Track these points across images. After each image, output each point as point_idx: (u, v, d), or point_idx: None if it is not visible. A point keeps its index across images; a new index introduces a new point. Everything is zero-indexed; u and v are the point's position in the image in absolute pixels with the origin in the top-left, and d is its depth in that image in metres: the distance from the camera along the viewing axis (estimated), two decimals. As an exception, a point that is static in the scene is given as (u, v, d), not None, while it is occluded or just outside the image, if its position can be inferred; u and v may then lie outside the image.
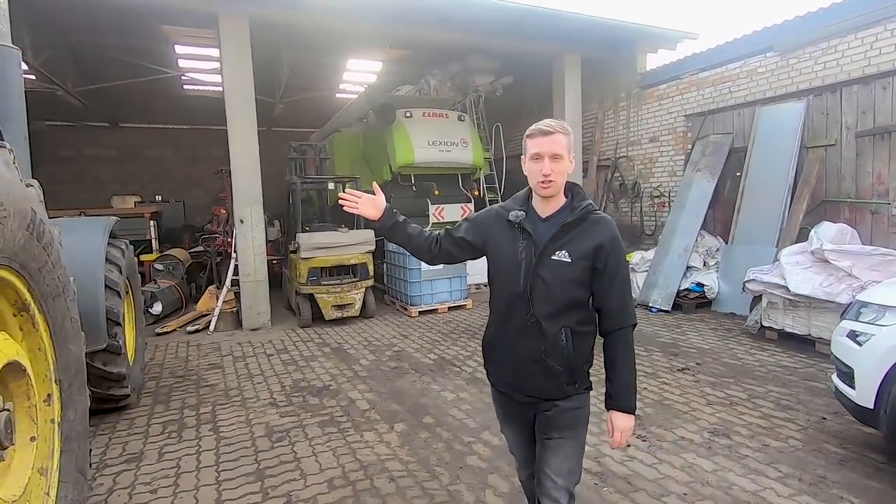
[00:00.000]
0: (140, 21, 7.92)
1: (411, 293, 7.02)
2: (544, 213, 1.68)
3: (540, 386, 1.66)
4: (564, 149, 1.59)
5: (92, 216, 6.90)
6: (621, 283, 1.64)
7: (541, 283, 1.62)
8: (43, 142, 14.40)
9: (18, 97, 2.67)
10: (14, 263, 1.64)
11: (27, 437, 1.71)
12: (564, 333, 1.61)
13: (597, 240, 1.61)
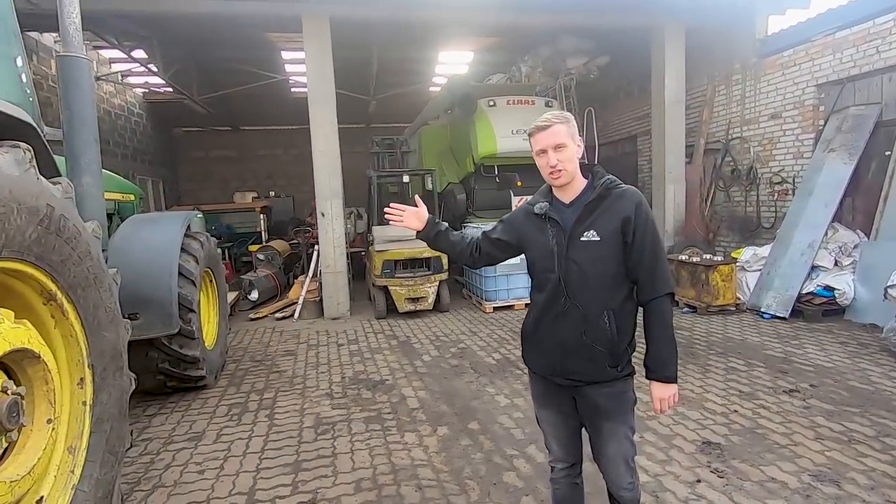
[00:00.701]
0: (248, 31, 8.62)
1: (486, 288, 6.80)
2: (567, 199, 1.72)
3: (581, 369, 1.67)
4: (566, 136, 1.64)
5: (207, 209, 7.82)
6: (652, 252, 1.63)
7: (574, 266, 1.65)
8: (179, 146, 16.58)
9: (90, 104, 2.93)
10: (29, 256, 1.73)
11: (44, 419, 1.83)
12: (607, 315, 1.63)
13: (623, 213, 1.63)
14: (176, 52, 10.64)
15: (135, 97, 13.43)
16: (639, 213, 1.64)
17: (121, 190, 4.72)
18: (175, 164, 16.28)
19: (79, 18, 2.86)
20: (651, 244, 1.64)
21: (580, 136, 1.72)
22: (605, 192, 1.67)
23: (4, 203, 1.57)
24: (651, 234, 1.65)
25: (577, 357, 1.67)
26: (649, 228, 1.65)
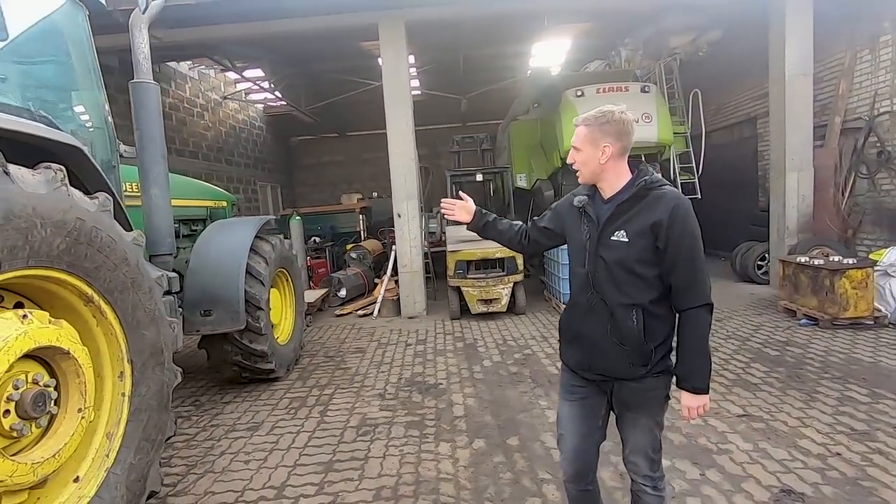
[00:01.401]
0: (344, 43, 9.14)
1: (563, 289, 6.40)
2: (606, 195, 1.71)
3: (610, 365, 1.69)
4: (583, 141, 1.68)
5: (308, 211, 8.36)
6: (686, 260, 1.58)
7: (602, 263, 1.67)
8: (295, 153, 18.20)
9: (157, 124, 3.28)
10: (60, 264, 1.97)
11: (75, 408, 2.06)
12: (635, 313, 1.63)
13: (655, 216, 1.59)
14: (285, 68, 11.65)
15: (256, 112, 15.01)
16: (673, 218, 1.57)
17: (213, 197, 5.25)
18: (292, 171, 17.92)
19: (147, 49, 3.22)
20: (687, 252, 1.58)
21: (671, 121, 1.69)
22: (642, 192, 1.65)
23: (27, 219, 1.78)
24: (688, 242, 1.58)
25: (605, 353, 1.69)
26: (686, 235, 1.58)
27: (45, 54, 2.80)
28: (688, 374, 1.65)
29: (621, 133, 1.66)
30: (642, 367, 1.65)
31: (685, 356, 1.65)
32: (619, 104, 1.75)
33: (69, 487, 2.08)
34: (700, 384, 1.64)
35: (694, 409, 1.65)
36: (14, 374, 1.83)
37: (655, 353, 1.65)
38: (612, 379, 1.72)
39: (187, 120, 11.17)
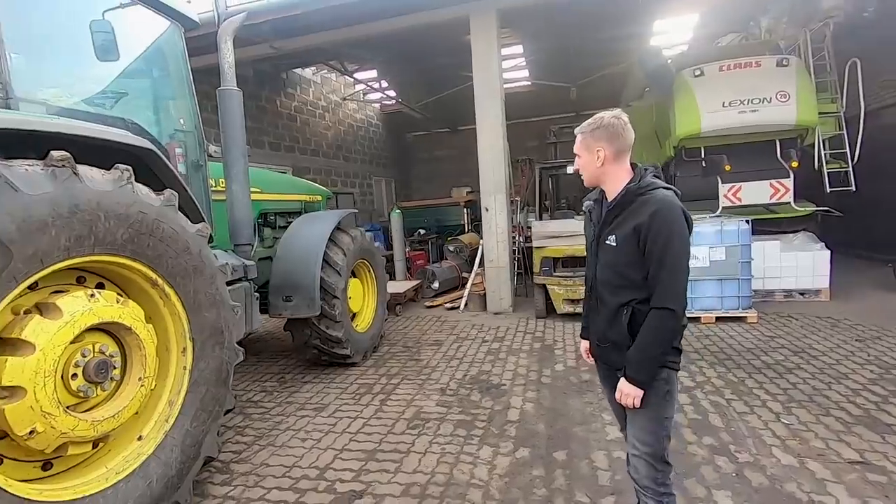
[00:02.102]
0: (448, 37, 9.25)
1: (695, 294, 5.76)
2: (609, 199, 1.81)
3: (610, 357, 1.87)
4: (580, 147, 1.81)
5: (413, 205, 8.55)
6: (656, 262, 1.65)
7: (600, 265, 1.84)
8: (411, 149, 18.98)
9: (240, 127, 3.61)
10: (124, 252, 2.27)
11: (136, 377, 2.37)
12: (626, 311, 1.74)
13: (637, 220, 1.68)
14: (395, 67, 12.19)
15: (373, 111, 15.94)
16: (652, 222, 1.65)
17: (308, 192, 5.68)
18: (408, 166, 18.73)
19: (232, 58, 3.57)
20: (658, 254, 1.65)
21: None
22: (630, 197, 1.73)
23: (91, 212, 2.08)
24: (660, 245, 1.64)
25: (607, 346, 1.86)
26: (660, 238, 1.65)
27: (144, 69, 3.25)
28: (628, 359, 1.74)
29: (612, 136, 1.75)
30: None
31: (634, 347, 1.73)
32: (748, 82, 1.64)
33: (133, 444, 2.41)
34: (633, 374, 1.72)
35: (625, 395, 1.75)
36: (84, 343, 2.15)
37: None
38: (614, 370, 1.85)
39: (310, 121, 12.27)
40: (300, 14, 6.50)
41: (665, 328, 1.67)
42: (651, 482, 1.79)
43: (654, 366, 1.71)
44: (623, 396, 1.74)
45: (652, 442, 1.77)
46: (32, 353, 1.91)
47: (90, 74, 2.91)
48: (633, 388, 1.71)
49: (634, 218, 1.70)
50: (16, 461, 2.02)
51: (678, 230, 1.66)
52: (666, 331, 1.68)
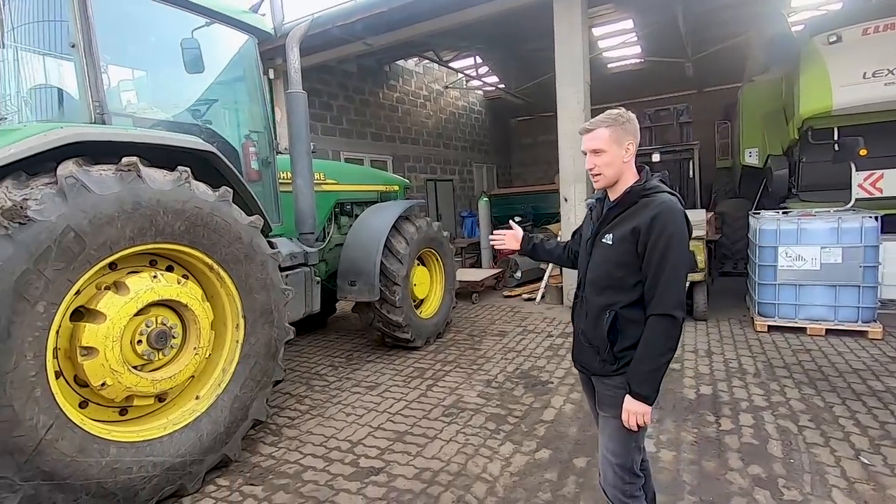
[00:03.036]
0: (546, 19, 8.97)
1: (760, 298, 5.09)
2: (612, 198, 1.77)
3: (585, 359, 1.82)
4: (607, 142, 1.68)
5: (507, 192, 8.43)
6: (656, 267, 1.60)
7: (591, 264, 1.78)
8: (514, 134, 18.72)
9: (304, 125, 3.94)
10: (183, 241, 2.69)
11: (192, 347, 2.80)
12: (609, 315, 1.69)
13: (636, 222, 1.64)
14: (495, 52, 12.09)
15: (476, 97, 16.00)
16: (652, 226, 1.60)
17: (385, 182, 5.99)
18: (510, 151, 18.55)
19: (298, 64, 3.89)
20: (658, 259, 1.59)
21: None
22: (634, 198, 1.68)
23: (152, 208, 2.50)
24: (660, 249, 1.59)
25: (583, 348, 1.81)
26: (660, 242, 1.59)
27: (222, 78, 3.71)
28: (629, 374, 1.65)
29: (636, 132, 1.73)
30: (610, 364, 1.71)
31: (635, 361, 1.65)
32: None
33: (191, 402, 2.86)
34: (638, 389, 1.62)
35: (632, 413, 1.64)
36: (149, 315, 2.61)
37: (625, 354, 1.68)
38: (589, 373, 1.82)
39: (411, 111, 12.75)
40: (387, 10, 6.79)
41: (668, 336, 1.60)
42: (619, 492, 1.76)
43: (658, 378, 1.62)
44: (630, 416, 1.63)
45: (621, 452, 1.73)
46: (104, 321, 2.38)
47: (173, 87, 3.42)
48: (640, 405, 1.62)
49: (634, 219, 1.65)
50: (98, 406, 2.54)
51: (679, 235, 1.62)
52: (669, 339, 1.60)
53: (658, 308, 1.60)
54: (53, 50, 2.93)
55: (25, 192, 2.13)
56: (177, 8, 3.30)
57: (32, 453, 2.07)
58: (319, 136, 9.80)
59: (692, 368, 4.16)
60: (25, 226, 2.06)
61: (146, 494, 2.48)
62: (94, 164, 2.41)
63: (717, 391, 3.68)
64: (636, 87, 14.23)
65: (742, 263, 7.52)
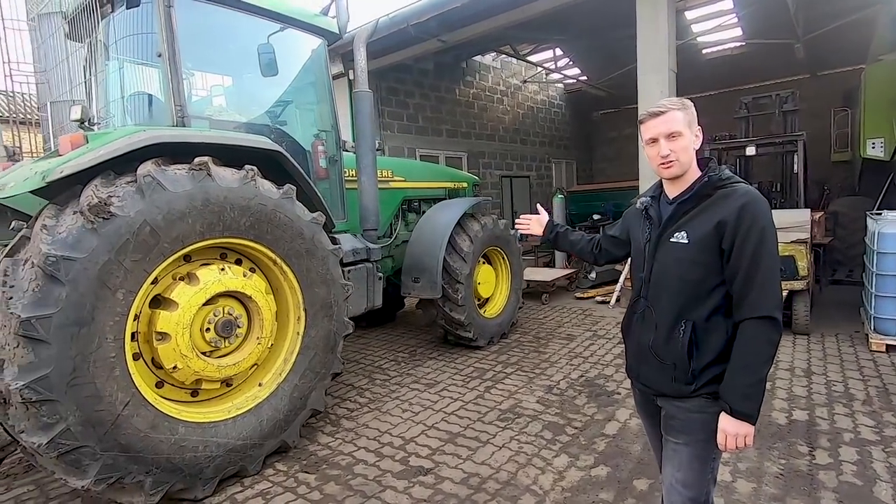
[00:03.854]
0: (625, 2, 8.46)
1: (877, 312, 4.38)
2: (672, 195, 1.60)
3: (653, 377, 1.61)
4: (683, 124, 1.51)
5: (585, 188, 8.05)
6: (749, 264, 1.41)
7: (658, 267, 1.58)
8: (596, 128, 17.91)
9: (369, 123, 4.01)
10: (248, 235, 2.83)
11: (255, 337, 2.94)
12: (684, 326, 1.50)
13: (720, 215, 1.45)
14: (575, 43, 11.61)
15: (556, 91, 15.50)
16: (741, 217, 1.42)
17: (453, 179, 5.96)
18: (592, 146, 17.77)
19: (365, 63, 3.97)
20: (752, 255, 1.40)
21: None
22: (708, 189, 1.50)
23: (220, 204, 2.66)
24: (754, 244, 1.41)
25: (649, 364, 1.60)
26: (752, 236, 1.41)
27: (293, 80, 3.86)
28: (726, 390, 1.43)
29: (697, 119, 1.56)
30: (686, 384, 1.51)
31: (731, 373, 1.44)
32: None
33: (254, 388, 3.02)
34: (739, 407, 1.40)
35: (731, 436, 1.42)
36: (218, 305, 2.79)
37: (705, 372, 1.48)
38: (657, 394, 1.62)
39: (487, 106, 12.62)
40: (461, 6, 6.74)
41: (770, 342, 1.40)
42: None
43: (761, 392, 1.43)
44: (730, 439, 1.42)
45: (694, 484, 1.54)
46: (176, 309, 2.57)
47: (248, 90, 3.62)
48: (743, 426, 1.41)
49: (716, 212, 1.45)
50: (172, 387, 2.76)
51: (771, 228, 1.44)
52: (770, 345, 1.41)
53: (755, 310, 1.40)
54: (146, 60, 3.22)
55: (111, 190, 2.34)
56: (254, 16, 3.49)
57: (111, 426, 2.28)
58: (395, 134, 10.02)
59: (785, 389, 3.69)
60: (108, 220, 2.27)
61: (210, 473, 2.65)
62: (171, 164, 2.60)
63: (815, 418, 3.22)
64: (734, 73, 12.98)
65: (858, 271, 6.57)
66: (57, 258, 2.12)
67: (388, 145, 9.73)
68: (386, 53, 8.74)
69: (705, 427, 1.49)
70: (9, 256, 2.25)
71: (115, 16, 3.20)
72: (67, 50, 4.74)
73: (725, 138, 6.54)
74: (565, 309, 6.68)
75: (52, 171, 2.31)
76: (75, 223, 2.22)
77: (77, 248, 2.18)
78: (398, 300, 5.97)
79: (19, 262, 2.21)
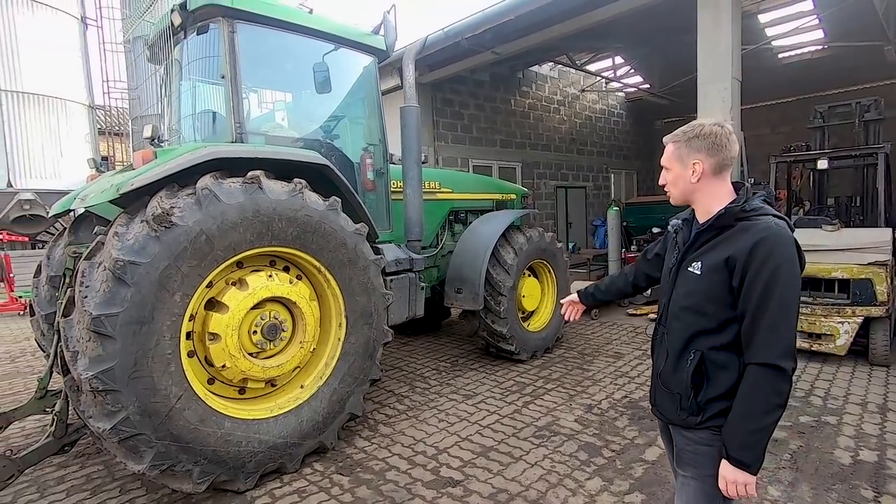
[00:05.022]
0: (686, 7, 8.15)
1: (971, 347, 3.90)
2: (702, 219, 1.55)
3: (663, 404, 1.59)
4: (667, 159, 1.56)
5: (642, 201, 7.72)
6: (756, 305, 1.34)
7: (676, 296, 1.56)
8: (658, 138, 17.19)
9: (416, 138, 4.12)
10: (295, 245, 3.00)
11: (298, 341, 3.10)
12: (693, 357, 1.46)
13: (732, 250, 1.39)
14: (636, 51, 11.29)
15: (616, 100, 15.10)
16: (752, 255, 1.35)
17: (500, 191, 5.97)
18: (653, 156, 17.11)
19: (413, 79, 4.09)
20: (760, 297, 1.33)
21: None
22: (728, 220, 1.44)
23: (269, 215, 2.84)
24: (763, 285, 1.33)
25: (662, 391, 1.58)
26: (762, 275, 1.33)
27: (344, 96, 4.05)
28: (726, 434, 1.39)
29: (714, 148, 1.46)
30: (692, 415, 1.47)
31: (731, 419, 1.39)
32: None
33: (296, 390, 3.18)
34: (737, 454, 1.36)
35: (730, 483, 1.37)
36: (265, 310, 2.97)
37: (712, 404, 1.44)
38: (668, 422, 1.60)
39: (543, 116, 12.51)
40: (514, 18, 6.77)
41: (774, 391, 1.32)
42: None
43: (763, 442, 1.35)
44: (729, 486, 1.38)
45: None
46: (227, 312, 2.77)
47: (302, 107, 3.83)
48: (742, 474, 1.35)
49: (730, 246, 1.40)
50: (222, 384, 2.96)
51: (788, 267, 1.34)
52: (774, 395, 1.33)
53: (758, 356, 1.34)
54: (212, 80, 3.50)
55: (173, 202, 2.57)
56: (310, 37, 3.71)
57: (165, 417, 2.49)
58: (448, 145, 10.17)
59: (853, 426, 3.37)
60: (170, 229, 2.49)
61: (251, 467, 2.81)
62: (228, 178, 2.82)
63: (885, 460, 2.92)
64: (814, 78, 12.10)
65: None
66: (124, 262, 2.36)
67: (442, 156, 9.89)
68: (441, 66, 8.92)
69: (715, 462, 1.43)
70: (87, 259, 2.53)
71: (187, 41, 3.52)
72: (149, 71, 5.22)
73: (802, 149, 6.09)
74: (615, 325, 6.47)
75: (125, 183, 2.57)
76: (141, 231, 2.46)
77: (142, 253, 2.41)
78: (443, 310, 6.03)
79: (94, 264, 2.47)
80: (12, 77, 10.97)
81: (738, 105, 5.70)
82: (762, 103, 14.38)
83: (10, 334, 7.43)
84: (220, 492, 2.81)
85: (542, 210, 12.14)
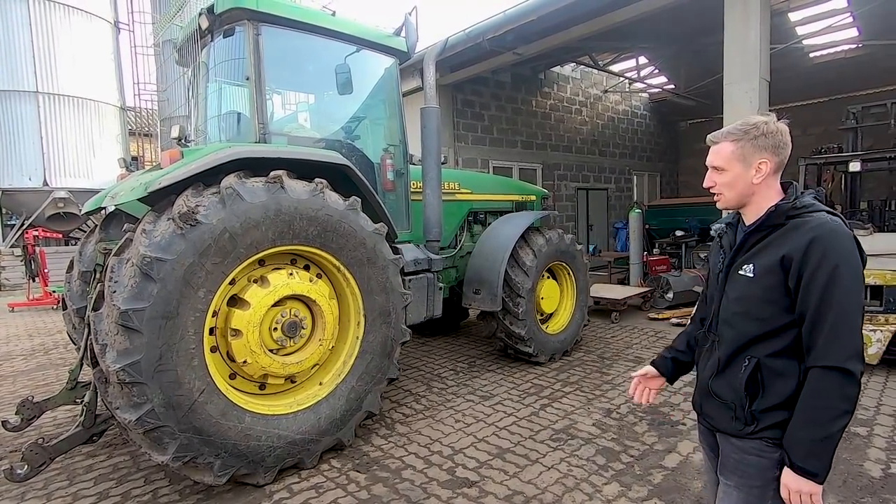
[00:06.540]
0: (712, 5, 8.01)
1: None
2: (747, 222, 1.49)
3: (711, 412, 1.53)
4: (730, 159, 1.44)
5: (668, 203, 7.62)
6: (816, 305, 1.28)
7: (726, 301, 1.49)
8: (683, 139, 16.90)
9: (436, 139, 4.14)
10: (315, 244, 3.04)
11: (317, 339, 3.14)
12: (747, 363, 1.40)
13: (786, 248, 1.33)
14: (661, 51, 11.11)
15: (640, 101, 14.88)
16: (809, 253, 1.29)
17: (520, 192, 5.94)
18: (677, 158, 16.81)
19: (434, 80, 4.10)
20: (820, 297, 1.27)
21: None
22: (778, 218, 1.38)
23: (290, 214, 2.89)
24: (822, 282, 1.27)
25: (710, 399, 1.51)
26: (821, 275, 1.27)
27: (365, 97, 4.09)
28: (789, 443, 1.32)
29: (778, 146, 1.40)
30: (746, 424, 1.40)
31: (794, 425, 1.32)
32: None
33: (315, 387, 3.22)
34: (802, 463, 1.28)
35: (794, 492, 1.30)
36: (285, 307, 3.02)
37: (767, 414, 1.36)
38: (715, 430, 1.53)
39: (564, 118, 12.41)
40: (536, 19, 6.74)
41: (842, 396, 1.25)
42: None
43: (831, 449, 1.28)
44: (791, 495, 1.31)
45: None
46: (248, 308, 2.83)
47: (324, 108, 3.88)
48: (807, 484, 1.28)
49: (783, 245, 1.34)
50: (244, 379, 3.02)
51: (849, 262, 1.28)
52: (843, 400, 1.25)
53: (823, 359, 1.27)
54: (237, 82, 3.58)
55: (198, 200, 2.64)
56: (333, 39, 3.76)
57: (188, 410, 2.55)
58: (469, 146, 10.17)
59: (885, 437, 3.25)
60: (195, 227, 2.55)
61: (270, 462, 2.86)
62: (251, 177, 2.87)
63: (919, 474, 2.81)
64: (848, 78, 11.72)
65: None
66: (151, 259, 2.43)
67: (462, 157, 9.90)
68: (462, 67, 8.93)
69: (762, 474, 1.38)
70: (116, 256, 2.61)
71: (214, 44, 3.60)
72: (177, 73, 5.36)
73: (834, 151, 5.90)
74: (636, 329, 6.37)
75: (153, 182, 2.65)
76: (168, 228, 2.53)
77: (168, 250, 2.48)
78: (462, 310, 6.03)
79: (123, 260, 2.55)
80: (49, 80, 11.40)
81: (766, 106, 5.57)
82: (793, 104, 13.98)
83: (44, 327, 7.72)
84: (240, 485, 2.87)
85: (563, 212, 12.04)
